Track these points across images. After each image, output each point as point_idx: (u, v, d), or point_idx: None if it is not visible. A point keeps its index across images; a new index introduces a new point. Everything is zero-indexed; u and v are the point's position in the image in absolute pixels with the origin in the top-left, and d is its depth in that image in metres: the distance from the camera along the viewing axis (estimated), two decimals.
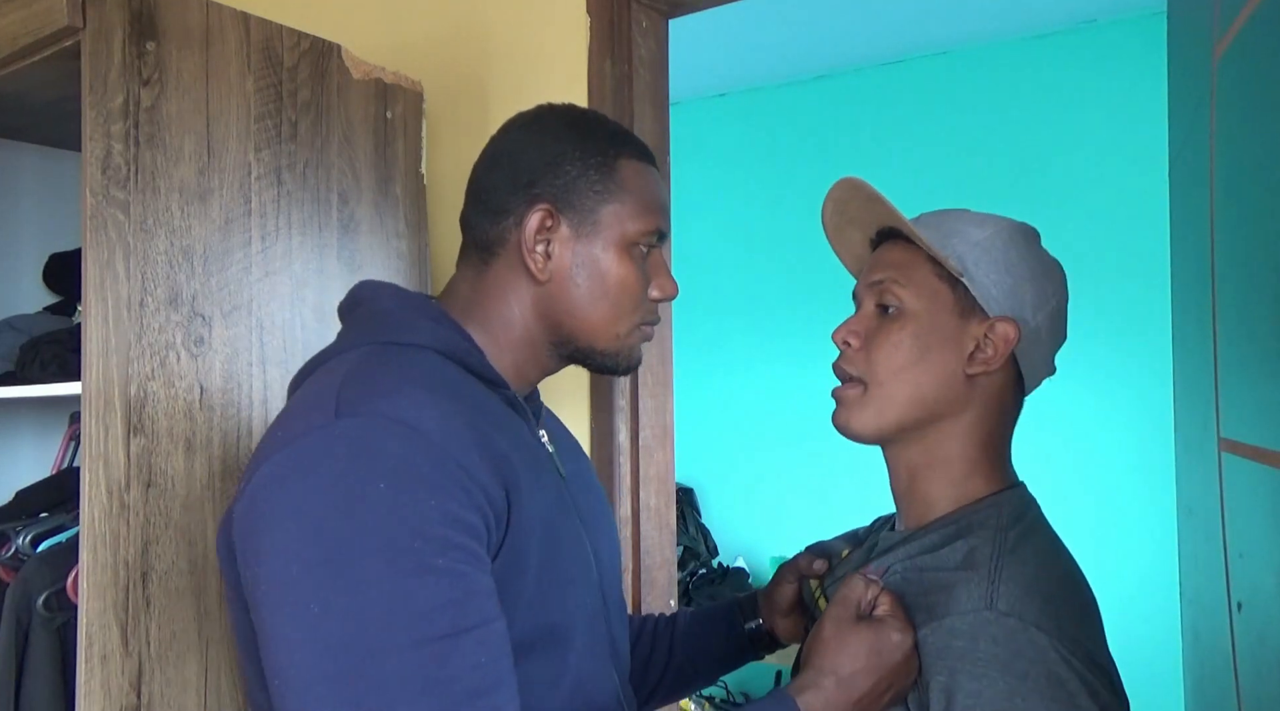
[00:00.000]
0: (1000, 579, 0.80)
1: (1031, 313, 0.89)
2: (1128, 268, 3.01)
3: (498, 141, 0.94)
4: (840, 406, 0.92)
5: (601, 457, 1.54)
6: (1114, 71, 3.09)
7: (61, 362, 1.45)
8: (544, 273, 0.89)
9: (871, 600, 0.84)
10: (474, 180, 0.95)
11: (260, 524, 0.72)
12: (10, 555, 1.46)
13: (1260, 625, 0.75)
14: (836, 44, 3.42)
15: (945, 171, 3.36)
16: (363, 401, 0.75)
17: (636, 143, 0.94)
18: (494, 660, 0.71)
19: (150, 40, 1.20)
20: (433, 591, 0.69)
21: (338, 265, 1.42)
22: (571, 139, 0.90)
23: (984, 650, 0.76)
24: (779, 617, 1.08)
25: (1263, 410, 0.71)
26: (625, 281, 0.91)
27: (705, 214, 3.83)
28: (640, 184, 0.92)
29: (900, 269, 0.90)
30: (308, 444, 0.73)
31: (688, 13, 1.64)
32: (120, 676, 1.14)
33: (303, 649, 0.68)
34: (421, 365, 0.82)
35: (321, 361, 0.86)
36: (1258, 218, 0.72)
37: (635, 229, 0.91)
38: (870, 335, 0.90)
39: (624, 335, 0.93)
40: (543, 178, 0.89)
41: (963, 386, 0.88)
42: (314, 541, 0.69)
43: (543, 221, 0.89)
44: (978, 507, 0.88)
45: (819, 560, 1.03)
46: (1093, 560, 3.53)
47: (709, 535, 3.88)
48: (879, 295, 0.91)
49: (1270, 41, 0.65)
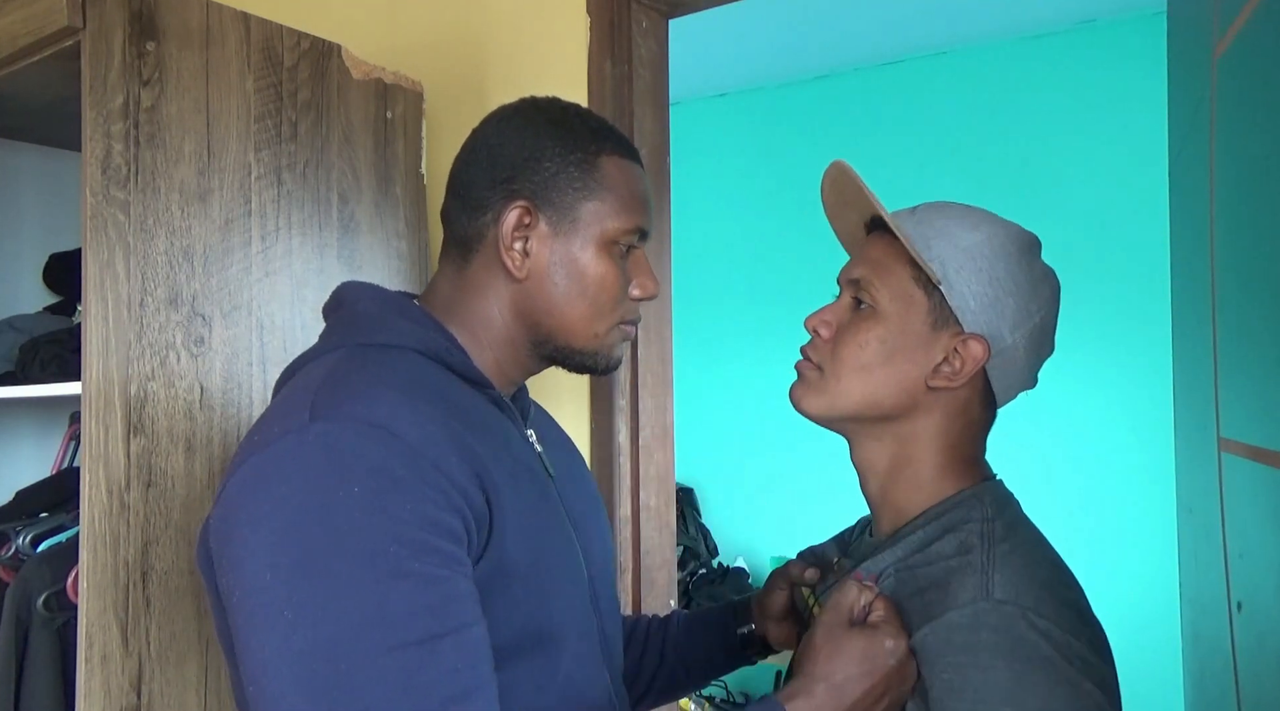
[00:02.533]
0: (994, 569, 0.80)
1: (1010, 330, 0.87)
2: (1128, 267, 3.01)
3: (477, 134, 0.93)
4: (798, 381, 0.92)
5: (601, 457, 1.54)
6: (1114, 71, 3.09)
7: (61, 363, 1.45)
8: (521, 270, 0.88)
9: (865, 606, 0.83)
10: (454, 173, 0.93)
11: (234, 530, 0.71)
12: (10, 555, 1.46)
13: (1260, 625, 0.75)
14: (836, 44, 3.42)
15: (945, 171, 3.36)
16: (337, 405, 0.73)
17: (620, 138, 0.92)
18: (471, 665, 0.70)
19: (150, 40, 1.20)
20: (408, 596, 0.68)
21: (338, 265, 1.42)
22: (552, 134, 0.89)
23: (985, 639, 0.76)
24: (771, 623, 1.07)
25: (1263, 410, 0.71)
26: (604, 280, 0.89)
27: (705, 214, 3.83)
28: (622, 181, 0.90)
29: (879, 268, 0.89)
30: (281, 448, 0.72)
31: (688, 13, 1.64)
32: (120, 676, 1.14)
33: (277, 656, 0.67)
34: (400, 367, 0.81)
35: (303, 364, 0.85)
36: (1257, 217, 0.72)
37: (615, 227, 0.89)
38: (841, 327, 0.90)
39: (602, 334, 0.91)
40: (521, 173, 0.88)
41: (923, 394, 0.88)
42: (287, 547, 0.68)
43: (520, 218, 0.87)
44: (956, 500, 0.87)
45: (811, 568, 1.03)
46: (1093, 560, 3.53)
47: (709, 535, 3.88)
48: (855, 290, 0.90)
49: (1270, 41, 0.65)
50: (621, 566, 1.52)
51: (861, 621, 0.82)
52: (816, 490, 3.63)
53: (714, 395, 3.91)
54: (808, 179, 4.16)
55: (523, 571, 0.79)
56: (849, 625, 0.82)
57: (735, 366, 3.91)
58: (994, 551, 0.81)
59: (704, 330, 3.89)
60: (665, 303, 1.63)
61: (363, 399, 0.74)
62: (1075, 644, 0.77)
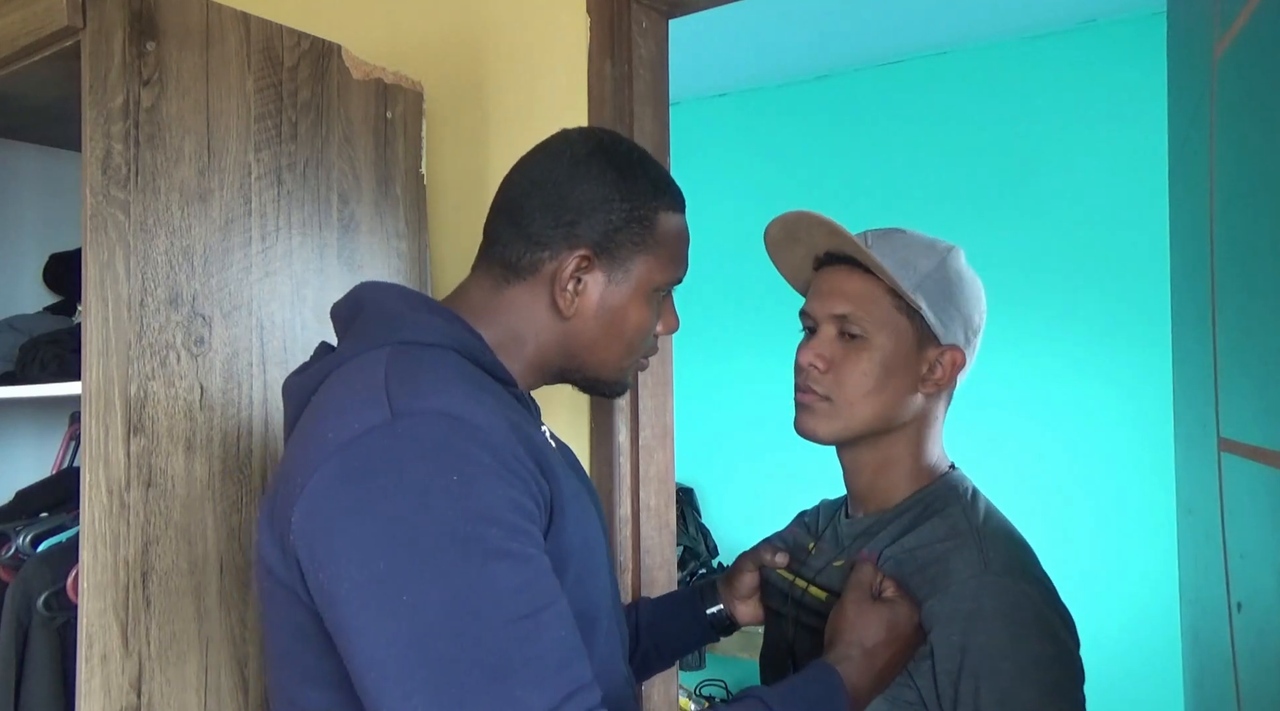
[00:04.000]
0: (986, 545, 0.96)
1: (968, 337, 1.04)
2: (1127, 267, 3.00)
3: (544, 166, 0.95)
4: (806, 413, 1.04)
5: (601, 457, 1.54)
6: (1114, 71, 3.09)
7: (61, 362, 1.45)
8: (570, 309, 0.93)
9: (878, 584, 0.97)
10: (511, 198, 0.95)
11: (332, 524, 0.74)
12: (10, 555, 1.46)
13: (1260, 625, 0.75)
14: (836, 44, 3.41)
15: (945, 171, 3.35)
16: (416, 400, 0.77)
17: (676, 191, 0.98)
18: (570, 632, 0.75)
19: (150, 40, 1.20)
20: (511, 574, 0.73)
21: (338, 265, 1.42)
22: (620, 187, 0.93)
23: (988, 606, 0.92)
24: (739, 603, 1.18)
25: (1263, 410, 0.71)
26: (641, 325, 0.96)
27: (705, 214, 3.82)
28: (674, 237, 0.97)
29: (863, 302, 1.01)
30: (369, 444, 0.75)
31: (688, 13, 1.64)
32: (120, 676, 1.14)
33: (400, 638, 0.70)
34: (448, 363, 0.85)
35: (337, 363, 0.87)
36: (1258, 217, 0.72)
37: (662, 280, 0.96)
38: (836, 360, 1.02)
39: (627, 368, 0.99)
40: (587, 221, 0.92)
41: (912, 401, 1.03)
42: (395, 537, 0.72)
43: (580, 264, 0.92)
44: (932, 489, 1.04)
45: (780, 552, 1.15)
46: (1093, 560, 3.52)
47: (709, 535, 3.88)
48: (841, 324, 1.02)
49: (1270, 41, 0.65)
50: (622, 566, 1.52)
51: (877, 596, 0.96)
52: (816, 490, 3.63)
53: (714, 395, 3.91)
54: (808, 179, 4.16)
55: (576, 555, 0.85)
56: (871, 599, 0.95)
57: (735, 366, 3.91)
58: (981, 532, 0.97)
59: (704, 330, 3.88)
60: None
61: (438, 393, 0.78)
62: (1057, 610, 0.94)
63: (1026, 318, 3.15)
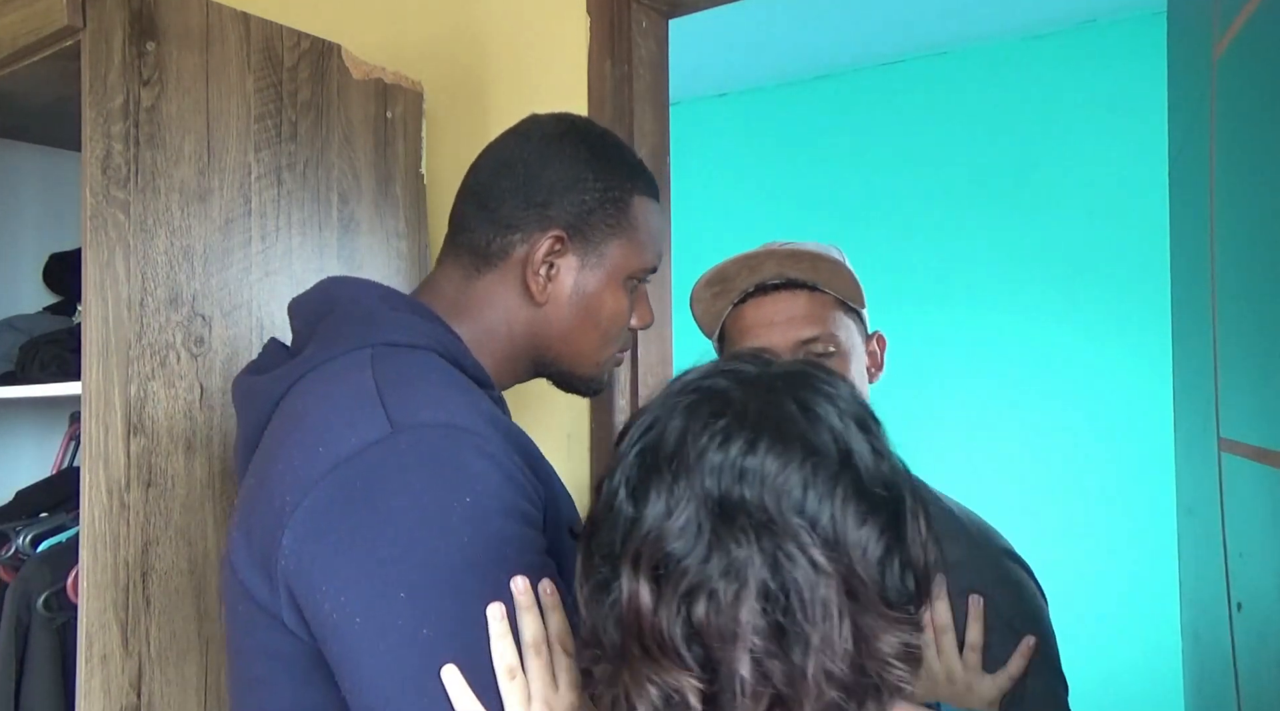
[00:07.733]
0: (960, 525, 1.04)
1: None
2: (1127, 267, 3.00)
3: (512, 147, 0.92)
4: None
5: (603, 458, 1.54)
6: (1114, 71, 3.09)
7: (61, 362, 1.45)
8: (543, 295, 0.89)
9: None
10: (479, 182, 0.92)
11: (338, 550, 0.69)
12: (10, 555, 1.46)
13: (1260, 625, 0.74)
14: (836, 44, 3.41)
15: (945, 171, 3.35)
16: (415, 411, 0.73)
17: (650, 178, 0.95)
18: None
19: (150, 40, 1.20)
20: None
21: (338, 265, 1.42)
22: (593, 166, 0.89)
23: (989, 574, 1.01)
24: None
25: (1263, 410, 0.71)
26: (616, 314, 0.93)
27: (705, 214, 3.82)
28: (648, 222, 0.94)
29: (822, 320, 1.06)
30: (371, 459, 0.71)
31: (688, 13, 1.64)
32: (120, 676, 1.14)
33: (419, 674, 0.66)
34: (434, 367, 0.81)
35: (309, 366, 0.82)
36: (1258, 217, 0.72)
37: (636, 265, 0.93)
38: None
39: (603, 363, 0.95)
40: (559, 201, 0.88)
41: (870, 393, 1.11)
42: (415, 565, 0.68)
43: (552, 246, 0.88)
44: None
45: None
46: (1093, 560, 3.51)
47: None
48: (810, 345, 1.05)
49: (1270, 41, 0.65)
50: None
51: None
52: None
53: None
54: (808, 179, 4.15)
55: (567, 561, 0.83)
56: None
57: None
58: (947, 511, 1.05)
59: None
60: (666, 303, 1.63)
61: (436, 403, 0.75)
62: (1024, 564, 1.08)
63: (1025, 317, 3.15)
